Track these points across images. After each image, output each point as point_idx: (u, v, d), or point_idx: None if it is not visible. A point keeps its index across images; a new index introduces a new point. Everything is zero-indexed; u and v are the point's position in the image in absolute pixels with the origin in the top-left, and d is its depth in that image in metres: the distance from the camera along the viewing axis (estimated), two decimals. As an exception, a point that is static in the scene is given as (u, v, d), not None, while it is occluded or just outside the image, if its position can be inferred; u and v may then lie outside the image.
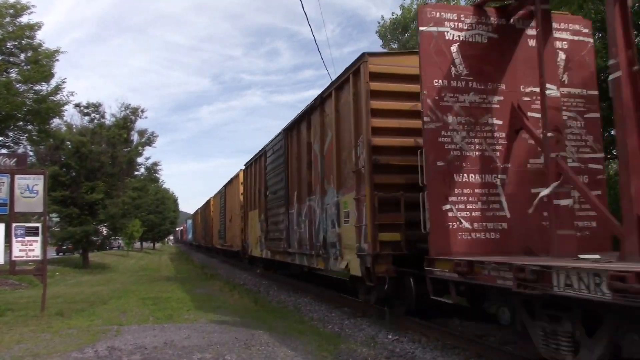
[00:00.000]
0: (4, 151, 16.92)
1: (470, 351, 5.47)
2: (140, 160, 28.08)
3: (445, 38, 6.00)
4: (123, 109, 26.23)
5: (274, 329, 6.99)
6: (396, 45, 22.77)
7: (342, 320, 7.89)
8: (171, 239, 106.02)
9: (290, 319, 8.13)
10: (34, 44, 17.73)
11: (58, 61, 18.30)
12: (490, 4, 6.33)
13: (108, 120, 25.97)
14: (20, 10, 17.18)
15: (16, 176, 9.19)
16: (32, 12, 17.44)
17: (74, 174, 24.17)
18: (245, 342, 6.13)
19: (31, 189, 9.27)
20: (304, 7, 14.65)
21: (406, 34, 22.43)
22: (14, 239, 9.00)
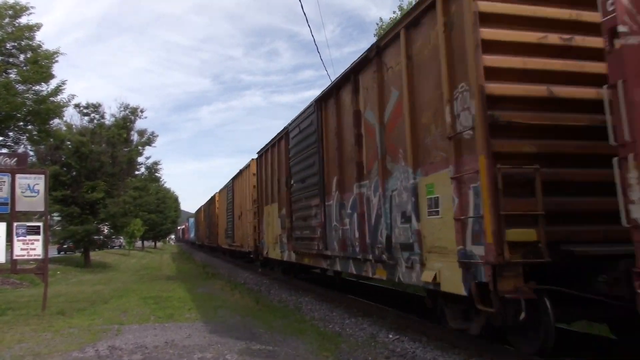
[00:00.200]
0: (4, 151, 16.95)
1: (471, 350, 5.46)
2: (140, 159, 28.26)
3: None
4: (122, 109, 26.36)
5: (275, 328, 7.00)
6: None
7: (342, 319, 7.89)
8: (172, 238, 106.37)
9: (291, 318, 8.13)
10: (33, 44, 17.77)
11: (57, 62, 18.38)
12: None
13: (108, 121, 26.08)
14: (19, 11, 17.22)
15: (17, 176, 9.23)
16: (32, 13, 17.52)
17: (74, 173, 24.26)
18: (246, 341, 6.14)
19: (32, 189, 9.31)
20: (303, 8, 14.63)
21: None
22: (15, 238, 9.04)
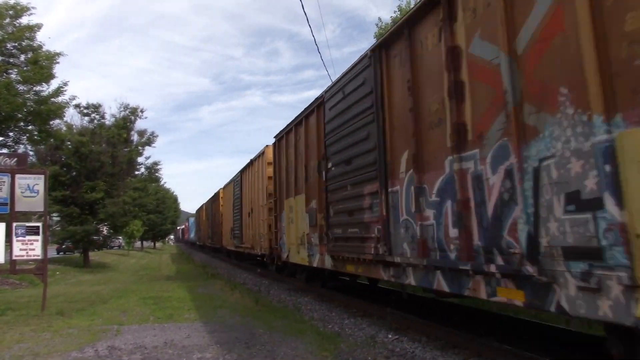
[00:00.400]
0: (4, 151, 16.95)
1: (471, 350, 5.46)
2: (140, 160, 28.27)
3: None
4: (122, 109, 26.38)
5: (275, 329, 6.99)
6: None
7: (342, 319, 7.89)
8: (172, 238, 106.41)
9: (290, 318, 8.12)
10: (34, 45, 17.77)
11: (58, 63, 18.38)
12: None
13: (108, 121, 26.10)
14: (20, 11, 17.22)
15: (17, 176, 9.24)
16: (32, 14, 17.53)
17: (74, 173, 24.28)
18: (245, 341, 6.14)
19: (32, 189, 9.32)
20: (304, 8, 14.67)
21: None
22: (14, 238, 9.05)
